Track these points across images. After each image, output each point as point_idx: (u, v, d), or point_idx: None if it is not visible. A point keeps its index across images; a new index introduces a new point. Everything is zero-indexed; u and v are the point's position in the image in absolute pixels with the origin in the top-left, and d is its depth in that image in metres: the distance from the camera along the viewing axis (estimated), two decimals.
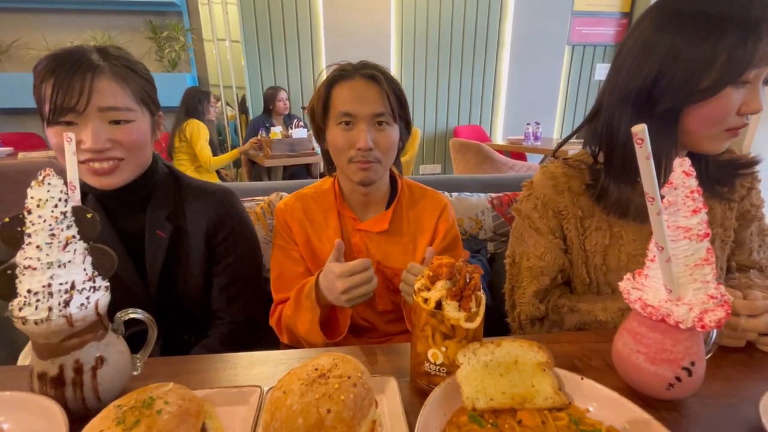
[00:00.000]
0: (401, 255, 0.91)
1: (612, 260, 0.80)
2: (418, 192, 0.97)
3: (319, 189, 0.96)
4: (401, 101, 0.86)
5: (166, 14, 4.11)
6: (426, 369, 0.53)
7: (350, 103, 0.81)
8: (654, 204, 0.46)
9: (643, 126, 0.43)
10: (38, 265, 0.46)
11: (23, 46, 3.89)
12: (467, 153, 3.12)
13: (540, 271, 0.83)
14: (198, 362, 0.65)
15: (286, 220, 0.92)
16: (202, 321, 0.91)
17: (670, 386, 0.50)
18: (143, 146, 0.78)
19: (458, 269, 0.52)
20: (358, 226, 0.91)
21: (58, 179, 0.48)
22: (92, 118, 0.71)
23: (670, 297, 0.49)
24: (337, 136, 0.83)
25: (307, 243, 0.91)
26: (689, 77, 0.64)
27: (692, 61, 0.64)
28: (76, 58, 0.71)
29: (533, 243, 0.84)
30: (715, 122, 0.67)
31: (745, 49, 0.61)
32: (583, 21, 4.75)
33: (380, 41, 4.41)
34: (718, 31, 0.62)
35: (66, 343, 0.49)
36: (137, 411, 0.41)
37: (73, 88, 0.69)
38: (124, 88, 0.74)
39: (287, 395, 0.42)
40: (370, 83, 0.82)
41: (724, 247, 0.81)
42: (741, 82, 0.64)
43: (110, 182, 0.75)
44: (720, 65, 0.62)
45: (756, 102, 0.64)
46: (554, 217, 0.82)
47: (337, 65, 0.86)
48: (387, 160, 0.86)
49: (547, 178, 0.83)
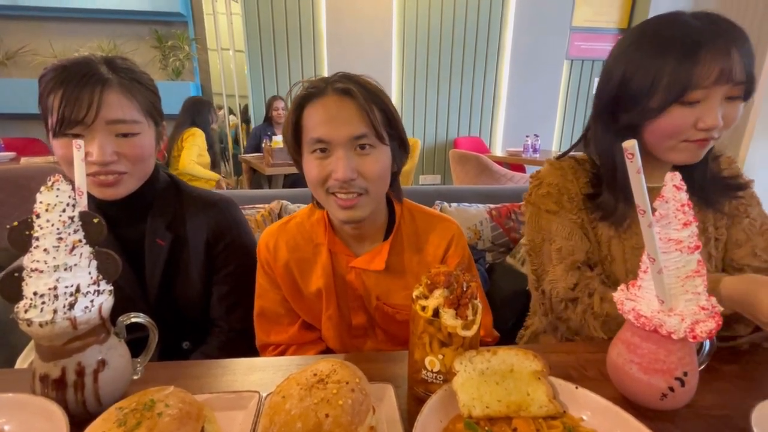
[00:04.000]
0: (403, 290, 0.80)
1: (616, 251, 0.81)
2: (422, 219, 0.84)
3: (307, 220, 0.84)
4: (389, 117, 0.72)
5: (171, 24, 4.19)
6: (423, 376, 0.54)
7: (322, 126, 0.67)
8: (645, 216, 0.48)
9: (634, 142, 0.45)
10: (45, 268, 0.47)
11: (30, 53, 3.95)
12: (467, 164, 3.15)
13: (570, 251, 0.80)
14: (197, 367, 0.65)
15: (269, 262, 0.83)
16: (201, 329, 0.91)
17: (664, 396, 0.51)
18: (147, 159, 0.79)
19: (456, 278, 0.53)
20: (352, 264, 0.80)
21: (67, 185, 0.50)
22: (99, 131, 0.71)
23: (663, 308, 0.50)
24: (311, 168, 0.70)
25: (293, 285, 0.83)
26: (640, 97, 0.70)
27: (642, 81, 0.70)
28: (86, 70, 0.71)
29: (555, 227, 0.82)
30: (669, 136, 0.72)
31: (682, 72, 0.66)
32: (582, 36, 4.83)
33: (382, 52, 4.48)
34: (663, 54, 0.68)
35: (69, 345, 0.50)
36: (138, 413, 0.41)
37: (81, 100, 0.69)
38: (131, 100, 0.75)
39: (286, 400, 0.43)
40: (345, 100, 0.68)
41: (719, 246, 0.83)
42: (687, 101, 0.68)
43: (113, 193, 0.76)
44: (663, 86, 0.68)
45: (710, 118, 0.67)
46: (568, 201, 0.82)
47: (311, 80, 0.72)
48: (377, 189, 0.72)
49: (555, 169, 0.85)
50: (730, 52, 0.65)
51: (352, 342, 0.87)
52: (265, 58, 4.32)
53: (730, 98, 0.69)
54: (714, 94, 0.67)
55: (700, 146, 0.72)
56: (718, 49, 0.65)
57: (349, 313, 0.85)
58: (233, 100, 4.46)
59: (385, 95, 0.72)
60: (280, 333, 0.86)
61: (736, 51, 0.65)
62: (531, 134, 3.88)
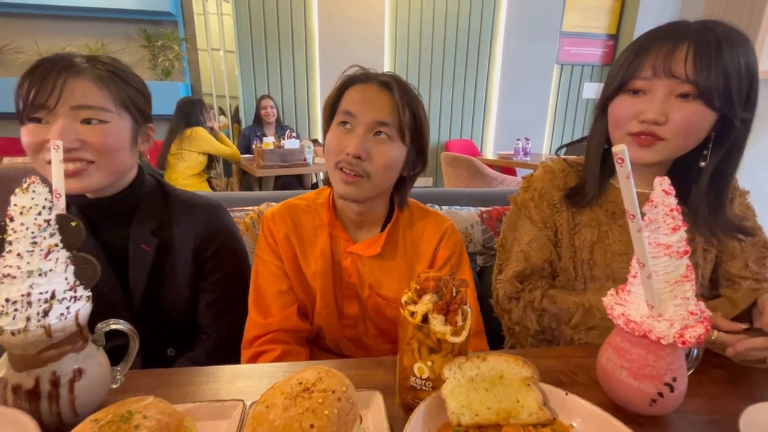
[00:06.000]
0: (396, 283, 0.83)
1: (598, 256, 0.83)
2: (418, 213, 0.88)
3: (313, 202, 0.87)
4: (417, 122, 0.77)
5: (161, 23, 4.13)
6: (412, 383, 0.53)
7: (356, 104, 0.75)
8: (635, 221, 0.47)
9: (623, 146, 0.44)
10: (18, 273, 0.45)
11: (14, 51, 3.86)
12: (458, 167, 3.16)
13: (524, 257, 0.86)
14: (180, 375, 0.63)
15: (272, 231, 0.84)
16: (187, 335, 0.89)
17: (653, 402, 0.51)
18: (117, 151, 0.75)
19: (445, 283, 0.53)
20: (350, 249, 0.84)
21: (44, 187, 0.48)
22: (62, 116, 0.69)
23: (652, 313, 0.50)
24: (332, 137, 0.77)
25: (293, 259, 0.84)
26: (608, 84, 0.76)
27: (611, 72, 0.76)
28: (58, 59, 0.70)
29: (525, 231, 0.88)
30: (615, 125, 0.75)
31: (631, 63, 0.71)
32: (572, 41, 4.90)
33: (374, 54, 4.48)
34: (630, 49, 0.73)
35: (43, 354, 0.47)
36: (114, 426, 0.40)
37: (46, 85, 0.68)
38: (102, 89, 0.72)
39: (270, 410, 0.42)
40: (383, 90, 0.75)
41: (707, 256, 0.82)
42: (632, 89, 0.72)
43: (78, 186, 0.72)
44: (615, 74, 0.73)
45: (650, 111, 0.69)
46: (548, 208, 0.86)
47: (362, 68, 0.80)
48: (379, 178, 0.76)
49: (546, 173, 0.89)
50: (679, 48, 0.66)
51: (343, 332, 0.87)
52: (256, 58, 4.29)
53: (682, 96, 0.68)
54: (655, 86, 0.69)
55: (641, 143, 0.72)
56: (668, 45, 0.67)
57: (342, 301, 0.86)
58: (224, 100, 4.42)
59: (420, 103, 0.79)
60: (277, 312, 0.82)
61: (692, 49, 0.65)
62: (522, 137, 3.92)
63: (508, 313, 0.88)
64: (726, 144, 0.72)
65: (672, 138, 0.70)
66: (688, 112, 0.68)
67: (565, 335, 0.80)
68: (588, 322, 0.76)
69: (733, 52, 0.65)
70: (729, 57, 0.65)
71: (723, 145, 0.73)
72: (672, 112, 0.68)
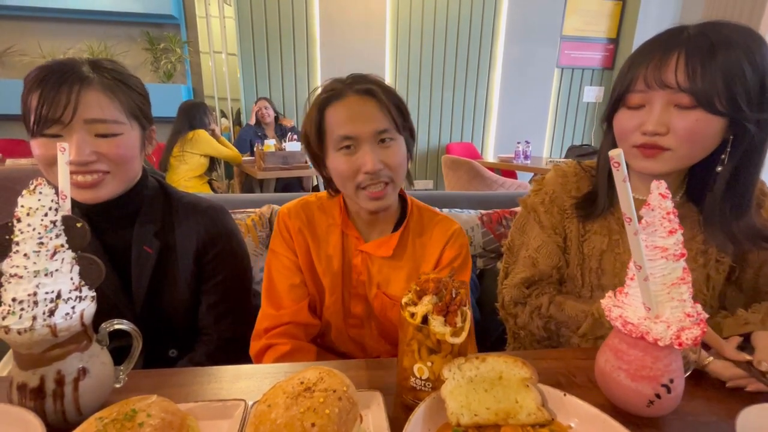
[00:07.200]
0: (403, 282, 0.84)
1: (607, 264, 0.81)
2: (428, 217, 0.89)
3: (326, 201, 0.89)
4: (402, 111, 0.79)
5: (163, 26, 4.16)
6: (412, 384, 0.54)
7: (348, 125, 0.74)
8: (631, 224, 0.48)
9: (620, 150, 0.45)
10: (25, 273, 0.46)
11: (17, 53, 3.89)
12: (459, 170, 3.17)
13: (532, 263, 0.85)
14: (182, 375, 0.64)
15: (287, 226, 0.86)
16: (188, 337, 0.89)
17: (651, 403, 0.51)
18: (130, 160, 0.77)
19: (444, 284, 0.53)
20: (361, 247, 0.85)
21: (50, 188, 0.49)
22: (78, 130, 0.70)
23: (649, 315, 0.50)
24: (340, 163, 0.76)
25: (307, 253, 0.86)
26: (610, 97, 0.76)
27: (615, 82, 0.75)
28: (65, 69, 0.70)
29: (534, 235, 0.86)
30: (620, 138, 0.75)
31: (626, 74, 0.71)
32: (572, 45, 4.92)
33: (375, 57, 4.51)
34: (628, 59, 0.72)
35: (49, 353, 0.48)
36: (119, 423, 0.40)
37: (59, 99, 0.68)
38: (113, 100, 0.73)
39: (272, 409, 0.42)
40: (366, 99, 0.75)
41: (719, 267, 0.77)
42: (631, 106, 0.71)
43: (93, 196, 0.74)
44: (617, 88, 0.73)
45: (650, 122, 0.68)
46: (558, 213, 0.85)
47: (327, 83, 0.79)
48: (398, 177, 0.79)
49: (558, 176, 0.87)
50: (670, 57, 0.65)
51: (347, 331, 0.88)
52: (257, 61, 4.32)
53: (681, 107, 0.66)
54: (652, 98, 0.68)
55: (646, 155, 0.71)
56: (659, 55, 0.66)
57: (349, 300, 0.87)
58: (225, 103, 4.44)
59: (395, 92, 0.79)
60: (289, 305, 0.84)
61: (683, 58, 0.64)
62: (522, 141, 3.93)
63: (513, 318, 0.87)
64: (741, 147, 0.69)
65: (677, 147, 0.68)
66: (690, 120, 0.66)
67: (572, 343, 0.79)
68: (596, 332, 0.74)
69: (732, 53, 0.63)
70: (727, 59, 0.63)
71: (739, 149, 0.69)
72: (673, 121, 0.67)
